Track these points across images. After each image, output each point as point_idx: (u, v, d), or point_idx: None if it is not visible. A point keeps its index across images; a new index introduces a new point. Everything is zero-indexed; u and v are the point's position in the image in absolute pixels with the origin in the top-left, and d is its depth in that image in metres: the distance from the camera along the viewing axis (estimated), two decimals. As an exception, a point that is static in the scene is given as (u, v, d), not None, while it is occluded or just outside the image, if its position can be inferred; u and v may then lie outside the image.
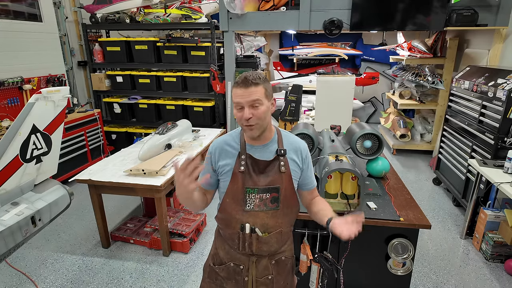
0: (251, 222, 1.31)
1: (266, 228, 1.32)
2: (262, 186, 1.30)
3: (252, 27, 4.35)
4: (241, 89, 1.21)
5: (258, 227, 1.31)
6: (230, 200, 1.33)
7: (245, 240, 1.32)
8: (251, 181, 1.30)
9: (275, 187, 1.30)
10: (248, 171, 1.31)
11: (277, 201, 1.32)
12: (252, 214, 1.31)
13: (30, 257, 2.77)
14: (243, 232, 1.32)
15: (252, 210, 1.31)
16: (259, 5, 4.37)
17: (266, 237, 1.32)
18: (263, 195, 1.30)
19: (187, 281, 2.49)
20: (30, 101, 1.78)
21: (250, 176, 1.30)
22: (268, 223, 1.32)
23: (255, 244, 1.32)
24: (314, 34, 7.05)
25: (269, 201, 1.31)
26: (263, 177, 1.31)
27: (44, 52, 4.09)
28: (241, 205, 1.31)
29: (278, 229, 1.34)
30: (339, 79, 4.66)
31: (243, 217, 1.31)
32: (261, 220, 1.31)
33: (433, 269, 2.61)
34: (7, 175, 1.79)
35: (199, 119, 4.68)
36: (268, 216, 1.32)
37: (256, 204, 1.31)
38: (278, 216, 1.33)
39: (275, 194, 1.31)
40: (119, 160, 2.98)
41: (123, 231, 3.01)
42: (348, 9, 3.92)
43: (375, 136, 2.25)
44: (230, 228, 1.35)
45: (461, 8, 3.65)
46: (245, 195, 1.30)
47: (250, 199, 1.30)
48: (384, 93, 7.13)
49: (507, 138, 2.74)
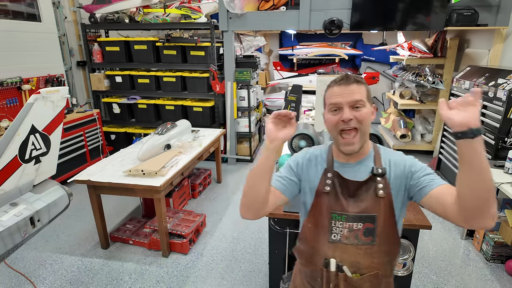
0: (337, 257, 1.06)
1: (357, 267, 1.05)
2: (352, 213, 1.05)
3: (252, 27, 4.34)
4: (341, 87, 1.02)
5: (347, 265, 1.05)
6: (312, 226, 1.10)
7: (330, 280, 1.06)
8: (338, 205, 1.06)
9: (370, 215, 1.04)
10: (335, 192, 1.07)
11: (373, 234, 1.04)
12: (339, 247, 1.05)
13: (29, 258, 2.76)
14: (327, 269, 1.06)
15: (339, 242, 1.05)
16: (259, 4, 4.36)
17: (357, 279, 1.05)
18: (354, 225, 1.04)
19: (187, 282, 2.48)
20: (29, 101, 1.77)
21: (337, 199, 1.06)
22: (360, 262, 1.05)
23: (342, 287, 1.06)
24: (314, 34, 7.05)
25: (361, 233, 1.04)
26: (354, 202, 1.06)
27: (43, 52, 4.08)
28: (325, 233, 1.06)
29: (374, 271, 1.05)
30: (339, 79, 4.65)
31: (328, 250, 1.07)
32: (350, 257, 1.05)
33: (434, 269, 2.60)
34: (6, 176, 1.78)
35: (198, 119, 4.67)
36: (360, 253, 1.04)
37: (344, 235, 1.05)
38: (374, 255, 1.05)
39: (369, 225, 1.04)
40: (118, 161, 2.97)
41: (122, 232, 3.00)
42: (348, 9, 3.92)
43: (375, 136, 2.24)
44: (312, 264, 1.12)
45: (461, 8, 3.64)
46: (331, 222, 1.06)
47: (336, 228, 1.05)
48: (384, 93, 7.13)
49: (507, 138, 2.73)
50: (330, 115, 1.05)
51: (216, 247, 2.91)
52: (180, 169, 2.80)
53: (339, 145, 1.06)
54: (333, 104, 1.04)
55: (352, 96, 1.02)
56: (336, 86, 1.04)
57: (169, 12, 4.47)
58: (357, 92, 1.02)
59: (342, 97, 1.02)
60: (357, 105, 1.02)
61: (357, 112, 1.02)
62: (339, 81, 1.04)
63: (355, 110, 1.02)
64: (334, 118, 1.03)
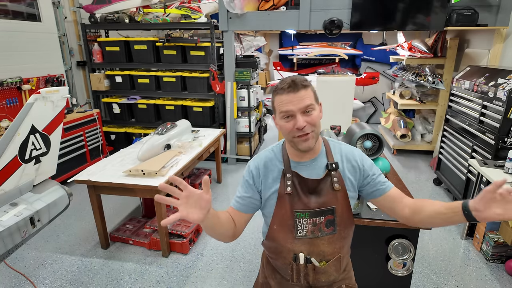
0: (305, 251, 1.14)
1: (323, 256, 1.15)
2: (314, 209, 1.12)
3: (252, 27, 4.34)
4: (289, 95, 1.05)
5: (314, 256, 1.14)
6: (278, 227, 1.16)
7: (299, 272, 1.15)
8: (300, 203, 1.13)
9: (329, 208, 1.13)
10: (296, 192, 1.13)
11: (333, 224, 1.14)
12: (306, 242, 1.14)
13: (29, 258, 2.76)
14: (296, 263, 1.14)
15: (305, 237, 1.13)
16: (259, 4, 4.36)
17: (324, 267, 1.15)
18: (317, 219, 1.13)
19: (187, 282, 2.48)
20: (29, 101, 1.77)
21: (299, 198, 1.13)
22: (325, 251, 1.14)
23: (311, 275, 1.15)
24: (314, 34, 7.05)
25: (324, 225, 1.13)
26: (315, 198, 1.13)
27: (43, 52, 4.08)
28: (291, 231, 1.14)
29: (336, 256, 1.16)
30: (339, 79, 4.65)
31: (295, 246, 1.14)
32: (316, 248, 1.14)
33: (434, 269, 2.60)
34: (6, 176, 1.78)
35: (198, 119, 4.67)
36: (324, 243, 1.14)
37: (309, 230, 1.13)
38: (336, 241, 1.15)
39: (330, 217, 1.13)
40: (118, 161, 2.97)
41: (122, 232, 3.00)
42: (348, 9, 3.92)
43: (375, 136, 2.24)
44: (281, 258, 1.18)
45: (461, 8, 3.64)
46: (295, 220, 1.13)
47: (301, 225, 1.13)
48: (384, 93, 7.13)
49: (507, 138, 2.73)
50: (283, 122, 1.08)
51: (216, 247, 2.91)
52: (180, 169, 2.80)
53: (296, 145, 1.10)
54: (284, 112, 1.07)
55: (303, 102, 1.05)
56: (285, 94, 1.06)
57: (169, 12, 4.47)
58: (306, 97, 1.06)
59: (293, 104, 1.05)
60: (308, 110, 1.06)
61: (309, 117, 1.06)
62: (287, 88, 1.06)
63: (306, 115, 1.06)
64: (288, 125, 1.07)
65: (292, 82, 1.06)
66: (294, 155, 1.17)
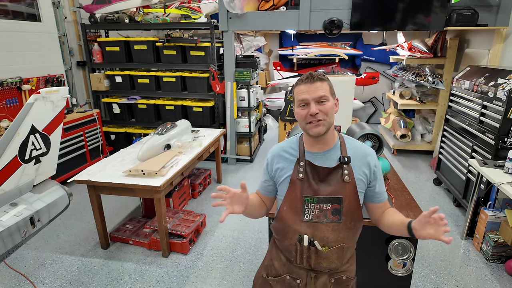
0: (309, 233, 1.22)
1: (326, 241, 1.23)
2: (322, 196, 1.21)
3: (252, 27, 4.34)
4: (306, 85, 1.17)
5: (318, 240, 1.22)
6: (287, 209, 1.25)
7: (303, 253, 1.23)
8: (310, 189, 1.22)
9: (337, 197, 1.20)
10: (307, 178, 1.22)
11: (339, 214, 1.21)
12: (311, 225, 1.22)
13: (29, 258, 2.76)
14: (301, 244, 1.23)
15: (311, 220, 1.22)
16: (259, 4, 4.36)
17: (326, 252, 1.22)
18: (323, 206, 1.21)
19: (187, 282, 2.48)
20: (29, 102, 1.77)
21: (309, 184, 1.22)
22: (329, 237, 1.22)
23: (313, 258, 1.23)
24: (314, 34, 7.05)
25: (330, 213, 1.21)
26: (324, 186, 1.22)
27: (43, 52, 4.08)
28: (299, 214, 1.23)
29: (339, 244, 1.23)
30: (339, 79, 4.65)
31: (301, 228, 1.23)
32: (320, 233, 1.22)
33: (434, 269, 2.60)
34: (6, 176, 1.78)
35: (198, 119, 4.67)
36: (328, 229, 1.22)
37: (315, 215, 1.22)
38: (340, 230, 1.22)
39: (337, 206, 1.21)
40: (118, 161, 2.97)
41: (122, 232, 3.00)
42: (348, 9, 3.92)
43: (375, 136, 2.24)
44: (287, 239, 1.27)
45: (461, 8, 3.64)
46: (304, 204, 1.22)
47: (308, 209, 1.22)
48: (384, 93, 7.13)
49: (507, 138, 2.73)
50: (299, 110, 1.20)
51: (216, 247, 2.91)
52: (180, 169, 2.80)
53: (308, 131, 1.20)
54: (301, 100, 1.19)
55: (317, 93, 1.17)
56: (302, 84, 1.19)
57: (169, 12, 4.47)
58: (320, 88, 1.17)
59: (308, 93, 1.17)
60: (322, 100, 1.17)
61: (322, 106, 1.17)
62: (305, 79, 1.19)
63: (320, 105, 1.17)
64: (303, 112, 1.19)
65: (310, 75, 1.19)
66: (309, 145, 1.27)
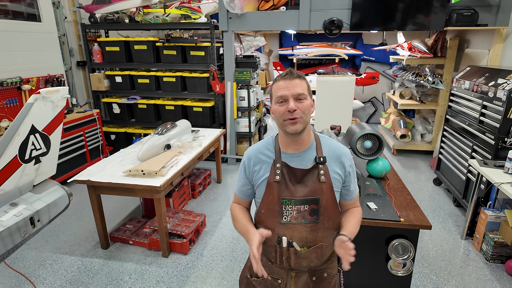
0: (288, 235, 1.23)
1: (304, 242, 1.23)
2: (299, 197, 1.21)
3: (252, 27, 4.34)
4: (286, 81, 1.17)
5: (296, 241, 1.23)
6: (265, 211, 1.25)
7: (282, 254, 1.24)
8: (287, 191, 1.22)
9: (314, 198, 1.21)
10: (284, 180, 1.22)
11: (317, 214, 1.22)
12: (290, 227, 1.23)
13: (29, 258, 2.76)
14: (280, 246, 1.24)
15: (289, 222, 1.22)
16: (259, 5, 4.36)
17: (305, 252, 1.24)
18: (301, 207, 1.21)
19: (187, 282, 2.48)
20: (29, 102, 1.77)
21: (286, 186, 1.22)
22: (307, 237, 1.23)
23: (293, 259, 1.24)
24: (314, 34, 7.05)
25: (307, 214, 1.22)
26: (301, 187, 1.22)
27: (43, 52, 4.08)
28: (277, 217, 1.23)
29: (318, 244, 1.24)
30: (339, 79, 4.65)
31: (279, 230, 1.23)
32: (299, 234, 1.23)
33: (434, 269, 2.60)
34: (6, 176, 1.78)
35: (198, 119, 4.67)
36: (307, 230, 1.22)
37: (293, 217, 1.22)
38: (318, 230, 1.23)
39: (314, 206, 1.21)
40: (118, 161, 2.97)
41: (122, 232, 3.00)
42: (348, 9, 3.92)
43: (375, 136, 2.24)
44: (267, 241, 1.26)
45: (461, 8, 3.64)
46: (281, 207, 1.22)
47: (286, 211, 1.22)
48: (384, 93, 7.13)
49: (507, 138, 2.73)
50: (277, 106, 1.18)
51: (216, 247, 2.91)
52: (180, 169, 2.80)
53: (285, 128, 1.18)
54: (279, 96, 1.17)
55: (296, 89, 1.15)
56: (281, 80, 1.18)
57: (169, 12, 4.47)
58: (299, 86, 1.16)
59: (288, 89, 1.16)
60: (300, 98, 1.16)
61: (300, 103, 1.16)
62: (284, 76, 1.18)
63: (298, 102, 1.16)
64: (281, 108, 1.17)
65: (289, 71, 1.18)
66: (285, 146, 1.25)
